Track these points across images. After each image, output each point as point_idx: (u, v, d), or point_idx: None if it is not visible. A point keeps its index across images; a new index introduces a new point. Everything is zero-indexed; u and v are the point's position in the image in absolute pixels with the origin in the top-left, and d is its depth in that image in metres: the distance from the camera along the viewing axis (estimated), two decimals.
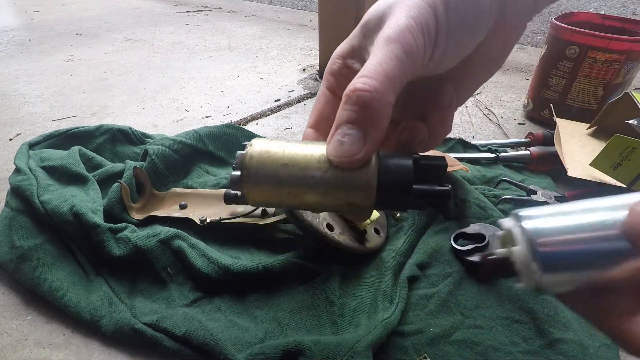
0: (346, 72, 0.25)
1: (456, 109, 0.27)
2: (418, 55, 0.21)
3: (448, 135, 0.79)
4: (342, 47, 0.25)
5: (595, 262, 0.18)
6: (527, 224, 0.20)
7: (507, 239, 0.21)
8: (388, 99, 0.20)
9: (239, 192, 0.24)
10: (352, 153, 0.21)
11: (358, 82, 0.20)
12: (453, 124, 0.91)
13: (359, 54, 0.24)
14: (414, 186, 0.22)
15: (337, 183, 0.22)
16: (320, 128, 0.26)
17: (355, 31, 0.24)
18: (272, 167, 0.23)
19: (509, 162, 0.70)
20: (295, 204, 0.24)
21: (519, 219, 0.20)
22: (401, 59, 0.20)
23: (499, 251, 0.21)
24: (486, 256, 0.21)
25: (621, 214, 0.18)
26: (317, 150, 0.23)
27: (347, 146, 0.21)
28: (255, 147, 0.23)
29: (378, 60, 0.20)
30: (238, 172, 0.23)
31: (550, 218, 0.20)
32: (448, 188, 0.23)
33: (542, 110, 0.86)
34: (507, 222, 0.21)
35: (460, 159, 0.68)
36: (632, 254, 0.18)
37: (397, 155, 0.23)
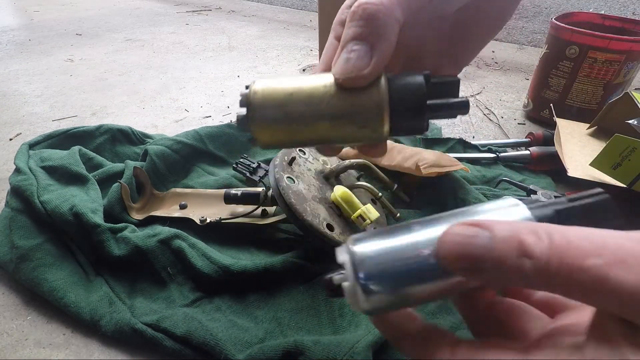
0: None
1: (460, 71, 0.27)
2: None
3: (448, 135, 0.79)
4: None
5: (415, 282, 0.18)
6: (354, 250, 0.19)
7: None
8: (395, 13, 0.19)
9: (248, 133, 0.23)
10: (358, 68, 0.19)
11: None
12: (452, 124, 0.90)
13: None
14: (428, 101, 0.21)
15: (347, 106, 0.20)
16: None
17: None
18: (278, 98, 0.21)
19: (509, 162, 0.70)
20: (307, 138, 0.22)
21: (350, 244, 0.19)
22: None
23: (336, 277, 0.20)
24: (327, 279, 0.20)
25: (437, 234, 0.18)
26: (324, 78, 0.21)
27: (353, 62, 0.19)
28: (258, 83, 0.22)
29: None
30: (244, 110, 0.22)
31: (378, 242, 0.19)
32: (465, 98, 0.21)
33: (542, 110, 0.86)
34: (341, 250, 0.20)
35: (460, 159, 0.68)
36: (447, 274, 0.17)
37: (405, 74, 0.21)
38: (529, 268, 0.14)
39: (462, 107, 0.21)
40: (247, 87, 0.22)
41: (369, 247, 0.18)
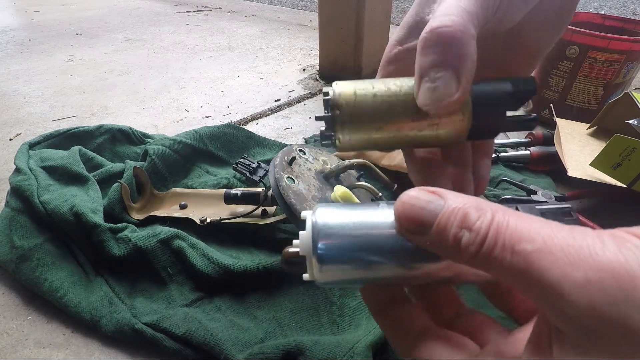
0: (405, 55, 0.23)
1: None
2: None
3: None
4: (397, 34, 0.24)
5: (376, 259, 0.18)
6: (318, 217, 0.19)
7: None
8: (470, 31, 0.18)
9: (332, 135, 0.22)
10: (447, 95, 0.19)
11: (434, 21, 0.19)
12: None
13: (418, 31, 0.22)
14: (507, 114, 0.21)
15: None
16: None
17: (410, 12, 0.23)
18: (364, 94, 0.21)
19: (509, 162, 0.70)
20: (391, 139, 0.22)
21: (313, 215, 0.19)
22: None
23: (295, 242, 0.20)
24: (286, 252, 0.20)
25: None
26: (407, 80, 0.22)
27: (442, 90, 0.19)
28: (340, 85, 0.22)
29: (451, 1, 0.19)
30: (327, 114, 0.22)
31: (343, 213, 0.19)
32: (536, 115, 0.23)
33: (542, 110, 0.86)
34: (306, 214, 0.20)
35: None
36: (420, 255, 0.17)
37: (490, 80, 0.22)
38: (465, 241, 0.14)
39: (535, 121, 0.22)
40: (325, 94, 0.22)
41: (332, 217, 0.19)
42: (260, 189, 0.55)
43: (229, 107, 0.97)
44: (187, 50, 1.41)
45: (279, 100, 1.01)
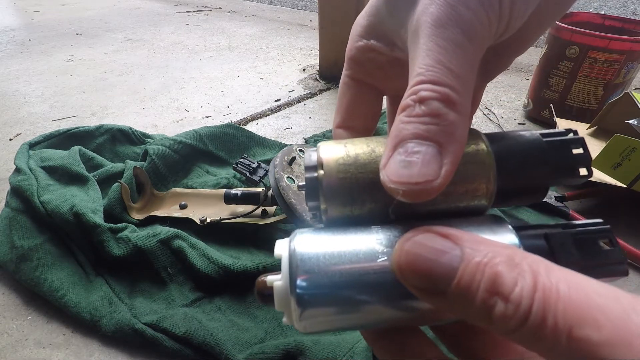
0: (370, 56, 0.20)
1: (506, 69, 0.23)
2: (484, 33, 0.15)
3: None
4: (360, 25, 0.20)
5: (371, 299, 0.14)
6: (297, 250, 0.15)
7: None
8: (465, 106, 0.14)
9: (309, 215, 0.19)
10: (426, 177, 0.13)
11: (422, 88, 0.14)
12: None
13: (383, 36, 0.19)
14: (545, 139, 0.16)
15: None
16: (352, 126, 0.21)
17: (377, 2, 0.19)
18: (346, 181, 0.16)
19: None
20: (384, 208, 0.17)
21: (290, 244, 0.15)
22: (466, 48, 0.14)
23: (269, 278, 0.15)
24: (260, 281, 0.16)
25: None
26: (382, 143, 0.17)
27: (419, 168, 0.13)
28: (323, 152, 0.17)
29: (436, 57, 0.14)
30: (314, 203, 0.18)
31: (328, 240, 0.15)
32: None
33: (542, 110, 0.86)
34: (280, 246, 0.16)
35: None
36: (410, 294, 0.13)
37: (515, 132, 0.17)
38: (499, 312, 0.11)
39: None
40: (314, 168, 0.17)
41: (315, 246, 0.15)
42: (260, 189, 0.55)
43: (229, 107, 0.97)
44: (187, 50, 1.41)
45: (279, 100, 1.00)
